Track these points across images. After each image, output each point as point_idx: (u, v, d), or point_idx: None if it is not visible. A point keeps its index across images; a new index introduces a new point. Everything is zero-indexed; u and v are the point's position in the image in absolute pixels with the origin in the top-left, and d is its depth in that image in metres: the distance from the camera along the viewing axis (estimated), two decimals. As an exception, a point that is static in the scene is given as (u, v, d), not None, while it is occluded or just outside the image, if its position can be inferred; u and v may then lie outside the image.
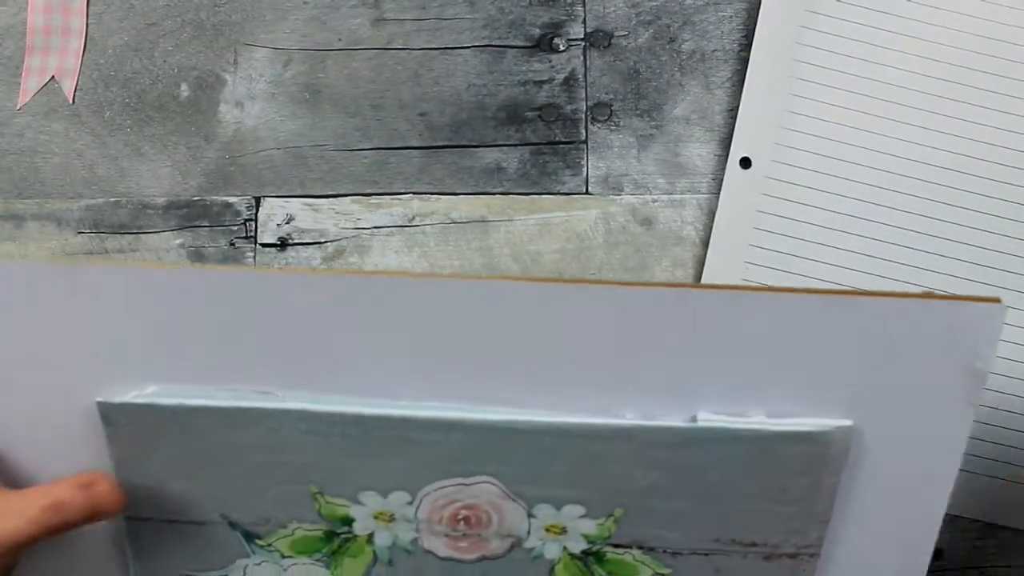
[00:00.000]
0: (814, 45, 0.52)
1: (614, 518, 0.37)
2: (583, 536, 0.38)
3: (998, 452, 0.50)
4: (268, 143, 0.53)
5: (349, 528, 0.38)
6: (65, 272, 0.35)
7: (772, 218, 0.51)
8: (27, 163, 0.53)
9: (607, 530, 0.38)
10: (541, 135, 0.53)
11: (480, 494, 0.37)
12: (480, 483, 0.37)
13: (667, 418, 0.36)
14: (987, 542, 0.51)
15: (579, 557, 0.38)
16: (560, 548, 0.38)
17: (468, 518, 0.37)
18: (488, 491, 0.37)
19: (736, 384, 0.35)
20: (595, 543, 0.38)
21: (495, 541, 0.38)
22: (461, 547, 0.38)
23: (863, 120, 0.52)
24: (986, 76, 0.52)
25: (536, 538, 0.38)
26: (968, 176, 0.51)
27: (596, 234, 0.52)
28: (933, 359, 0.35)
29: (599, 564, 0.38)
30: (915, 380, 0.35)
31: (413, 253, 0.52)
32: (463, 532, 0.38)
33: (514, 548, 0.38)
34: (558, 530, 0.38)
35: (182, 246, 0.52)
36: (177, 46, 0.53)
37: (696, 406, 0.36)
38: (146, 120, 0.53)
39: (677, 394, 0.36)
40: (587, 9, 0.53)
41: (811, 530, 0.37)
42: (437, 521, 0.38)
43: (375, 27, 0.53)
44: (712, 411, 0.36)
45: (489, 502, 0.37)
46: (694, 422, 0.35)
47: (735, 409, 0.36)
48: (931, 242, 0.51)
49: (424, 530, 0.38)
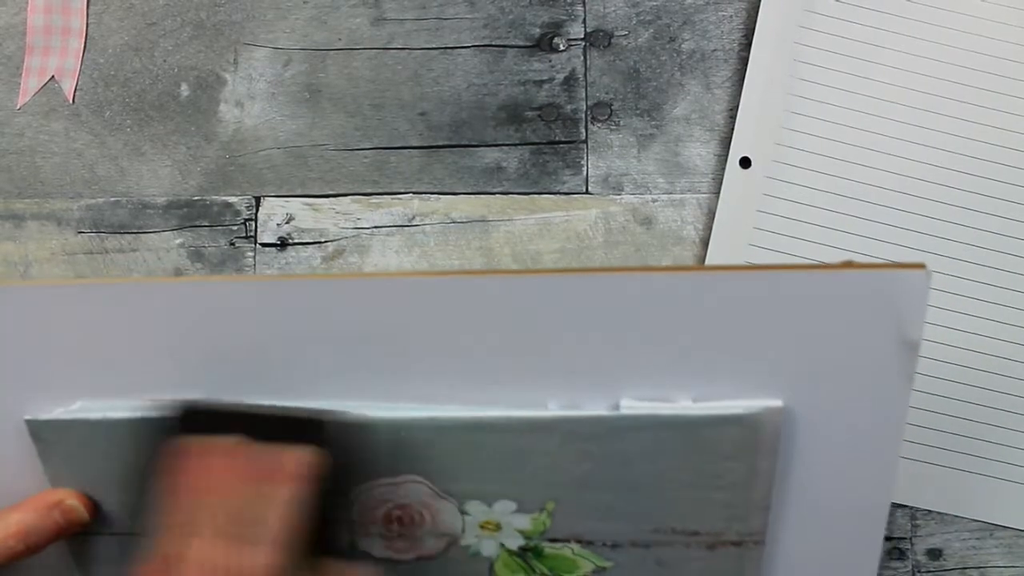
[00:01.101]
0: (814, 45, 0.52)
1: (547, 512, 0.37)
2: (518, 532, 0.37)
3: (998, 452, 0.50)
4: (268, 143, 0.53)
5: None
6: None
7: (772, 218, 0.51)
8: (27, 163, 0.53)
9: (542, 524, 0.37)
10: (541, 135, 0.53)
11: (410, 493, 0.36)
12: (409, 483, 0.36)
13: (592, 407, 0.35)
14: (987, 542, 0.51)
15: (517, 553, 0.38)
16: (497, 545, 0.38)
17: (401, 517, 0.37)
18: (417, 490, 0.36)
19: (661, 368, 0.34)
20: (531, 538, 0.37)
21: (430, 540, 0.37)
22: (397, 547, 0.38)
23: (863, 120, 0.52)
24: (986, 76, 0.52)
25: (472, 535, 0.37)
26: (969, 176, 0.51)
27: (596, 234, 0.52)
28: (862, 332, 0.33)
29: (538, 560, 0.38)
30: (846, 355, 0.34)
31: (413, 253, 0.52)
32: (397, 532, 0.37)
33: (450, 547, 0.38)
34: (492, 527, 0.37)
35: (182, 246, 0.52)
36: (177, 46, 0.53)
37: (621, 393, 0.35)
38: (146, 120, 0.53)
39: (602, 381, 0.35)
40: (587, 9, 0.53)
41: (752, 517, 0.36)
42: (371, 522, 0.37)
43: (375, 27, 0.53)
44: (637, 397, 0.35)
45: (420, 501, 0.36)
46: (617, 410, 0.35)
47: (661, 394, 0.35)
48: (931, 242, 0.51)
49: (359, 531, 0.37)
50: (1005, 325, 0.51)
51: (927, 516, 0.51)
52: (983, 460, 0.50)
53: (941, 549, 0.51)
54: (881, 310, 0.33)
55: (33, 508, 0.35)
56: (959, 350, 0.51)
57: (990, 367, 0.50)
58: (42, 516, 0.35)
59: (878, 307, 0.33)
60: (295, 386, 0.36)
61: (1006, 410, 0.51)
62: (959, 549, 0.51)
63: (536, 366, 0.35)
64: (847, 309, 0.33)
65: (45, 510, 0.35)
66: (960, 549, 0.51)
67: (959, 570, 0.51)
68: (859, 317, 0.33)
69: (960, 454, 0.50)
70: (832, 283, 0.33)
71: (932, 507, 0.51)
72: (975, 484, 0.51)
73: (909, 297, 0.33)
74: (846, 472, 0.36)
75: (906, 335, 0.33)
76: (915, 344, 0.34)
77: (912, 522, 0.51)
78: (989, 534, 0.51)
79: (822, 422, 0.35)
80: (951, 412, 0.51)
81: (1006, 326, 0.51)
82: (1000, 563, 0.51)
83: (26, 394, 0.36)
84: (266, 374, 0.36)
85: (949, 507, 0.51)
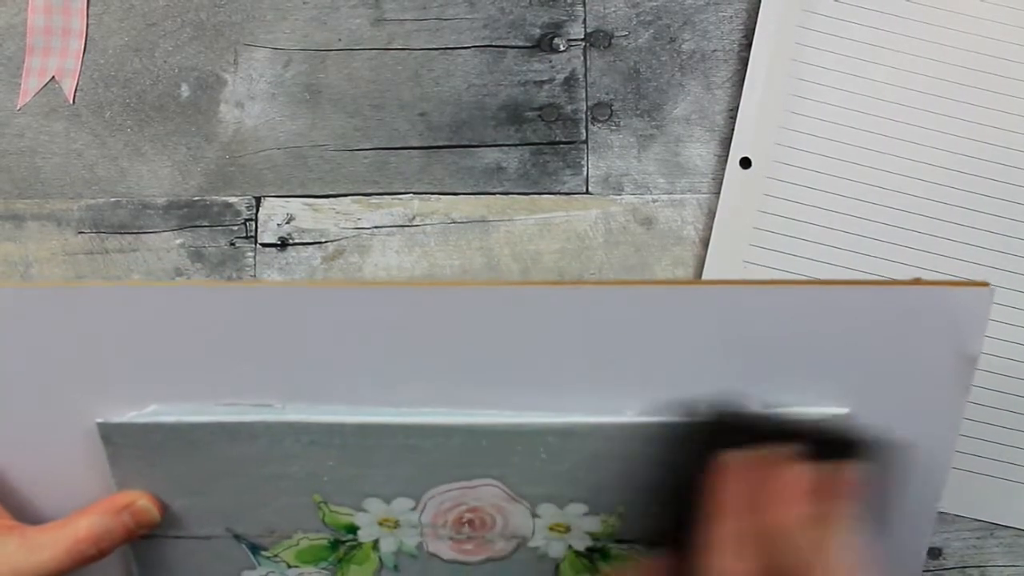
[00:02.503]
0: (814, 45, 0.52)
1: (617, 514, 0.37)
2: (587, 534, 0.38)
3: (998, 452, 0.50)
4: (268, 143, 0.53)
5: (354, 536, 0.38)
6: (58, 294, 0.35)
7: (772, 218, 0.51)
8: (27, 163, 0.53)
9: (611, 527, 0.38)
10: (541, 135, 0.53)
11: (484, 496, 0.37)
12: (484, 486, 0.37)
13: (666, 414, 0.36)
14: (987, 542, 0.51)
15: (584, 555, 0.38)
16: (565, 546, 0.38)
17: (472, 521, 0.37)
18: (492, 493, 0.37)
19: (734, 377, 0.35)
20: (599, 540, 0.38)
21: (500, 542, 0.38)
22: (466, 550, 0.38)
23: (863, 120, 0.52)
24: (985, 76, 0.52)
25: (541, 537, 0.38)
26: (969, 176, 0.51)
27: (596, 234, 0.52)
28: (924, 345, 0.35)
29: (604, 560, 0.38)
30: (908, 366, 0.35)
31: (413, 253, 0.52)
32: (468, 535, 0.38)
33: (519, 548, 0.38)
34: (562, 529, 0.38)
35: (182, 246, 0.52)
36: (177, 46, 0.53)
37: (695, 400, 0.36)
38: (146, 120, 0.53)
39: (676, 389, 0.36)
40: (587, 9, 0.53)
41: None
42: (441, 525, 0.37)
43: (375, 27, 0.53)
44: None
45: (493, 504, 0.37)
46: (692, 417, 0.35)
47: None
48: (932, 242, 0.51)
49: (428, 534, 0.38)
50: (1005, 325, 0.51)
51: (927, 516, 0.51)
52: (983, 460, 0.51)
53: (941, 548, 0.51)
54: (944, 325, 0.35)
55: (104, 511, 0.35)
56: (959, 350, 0.51)
57: (989, 367, 0.50)
58: (113, 519, 0.35)
59: (941, 322, 0.35)
60: (369, 392, 0.36)
61: (1006, 410, 0.51)
62: (959, 549, 0.51)
63: (613, 374, 0.36)
64: (911, 323, 0.35)
65: (116, 513, 0.35)
66: (960, 549, 0.51)
67: (959, 569, 0.51)
68: (922, 331, 0.35)
69: (961, 454, 0.50)
70: (900, 298, 0.35)
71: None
72: (975, 484, 0.51)
73: (971, 313, 0.34)
74: (900, 477, 0.37)
75: (966, 349, 0.35)
76: (974, 358, 0.35)
77: (912, 522, 0.51)
78: (989, 534, 0.51)
79: (884, 429, 0.36)
80: (951, 412, 0.51)
81: (1005, 326, 0.51)
82: (1000, 562, 0.51)
83: (97, 397, 0.36)
84: (341, 381, 0.36)
85: (949, 507, 0.51)
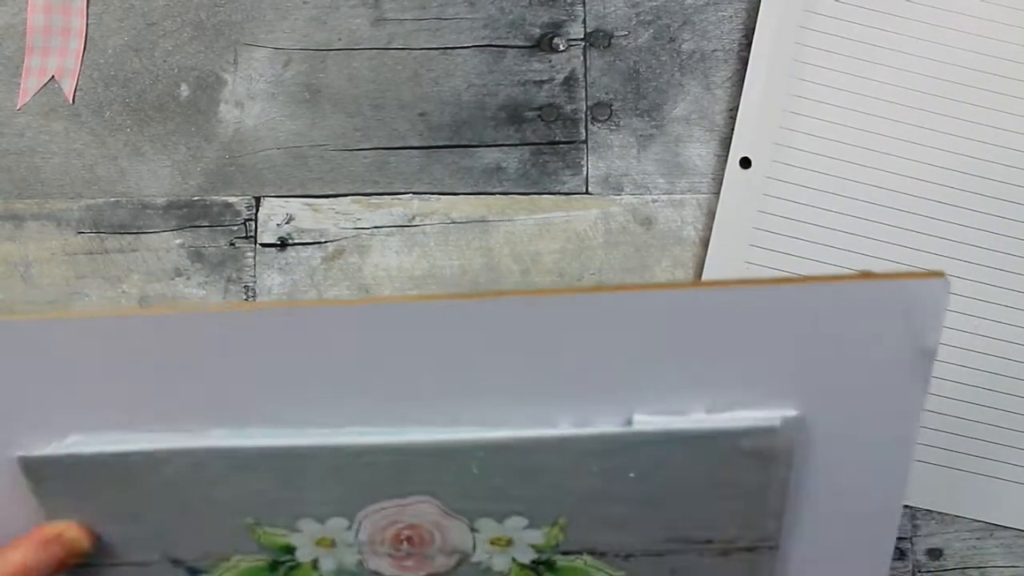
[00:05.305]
0: (814, 45, 0.52)
1: (559, 526, 0.36)
2: (531, 546, 0.37)
3: (998, 452, 0.50)
4: (268, 143, 0.53)
5: (292, 556, 0.37)
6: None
7: (772, 218, 0.51)
8: (27, 163, 0.53)
9: (554, 538, 0.37)
10: (541, 135, 0.53)
11: (420, 513, 0.36)
12: (418, 503, 0.36)
13: (604, 422, 0.35)
14: (987, 542, 0.51)
15: (529, 567, 0.38)
16: (508, 560, 0.37)
17: (411, 537, 0.37)
18: (427, 510, 0.36)
19: (674, 381, 0.34)
20: (544, 552, 0.37)
21: (440, 558, 0.37)
22: (407, 566, 0.37)
23: (863, 120, 0.52)
24: (985, 76, 0.52)
25: (483, 552, 0.37)
26: (969, 176, 0.51)
27: (596, 234, 0.52)
28: (878, 340, 0.33)
29: (551, 572, 0.38)
30: (862, 363, 0.34)
31: (413, 253, 0.52)
32: (407, 551, 0.37)
33: (461, 564, 0.37)
34: (504, 542, 0.37)
35: (182, 246, 0.52)
36: (177, 46, 0.53)
37: (633, 407, 0.34)
38: (146, 120, 0.53)
39: (614, 396, 0.34)
40: (587, 9, 0.53)
41: (767, 524, 0.36)
42: (379, 542, 0.37)
43: (375, 27, 0.53)
44: (650, 411, 0.34)
45: (430, 520, 0.36)
46: (629, 425, 0.34)
47: (676, 406, 0.34)
48: (932, 242, 0.51)
49: (368, 552, 0.37)
50: (1004, 325, 0.51)
51: (927, 516, 0.51)
52: (983, 460, 0.50)
53: (941, 549, 0.51)
54: (898, 318, 0.33)
55: (33, 544, 0.34)
56: (959, 350, 0.51)
57: (989, 367, 0.50)
58: (43, 551, 0.34)
59: (895, 315, 0.33)
60: (293, 413, 0.35)
61: (1006, 410, 0.51)
62: (959, 549, 0.51)
63: (545, 384, 0.34)
64: (863, 318, 0.33)
65: (45, 545, 0.34)
66: (960, 549, 0.51)
67: (959, 570, 0.51)
68: (875, 326, 0.33)
69: (960, 454, 0.50)
70: (849, 293, 0.33)
71: (932, 507, 0.51)
72: (975, 484, 0.51)
73: (927, 305, 0.32)
74: (859, 477, 0.36)
75: (923, 343, 0.33)
76: (931, 352, 0.33)
77: (912, 522, 0.51)
78: (989, 534, 0.51)
79: (837, 429, 0.35)
80: (951, 412, 0.51)
81: (1005, 326, 0.51)
82: (1000, 563, 0.51)
83: (16, 429, 0.35)
84: (264, 404, 0.35)
85: (949, 507, 0.51)
